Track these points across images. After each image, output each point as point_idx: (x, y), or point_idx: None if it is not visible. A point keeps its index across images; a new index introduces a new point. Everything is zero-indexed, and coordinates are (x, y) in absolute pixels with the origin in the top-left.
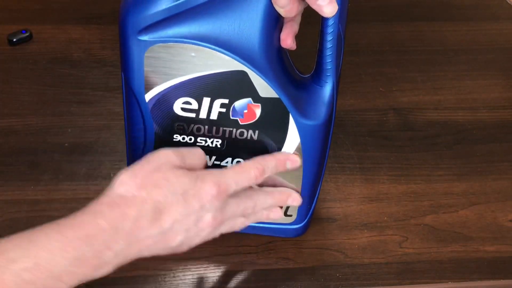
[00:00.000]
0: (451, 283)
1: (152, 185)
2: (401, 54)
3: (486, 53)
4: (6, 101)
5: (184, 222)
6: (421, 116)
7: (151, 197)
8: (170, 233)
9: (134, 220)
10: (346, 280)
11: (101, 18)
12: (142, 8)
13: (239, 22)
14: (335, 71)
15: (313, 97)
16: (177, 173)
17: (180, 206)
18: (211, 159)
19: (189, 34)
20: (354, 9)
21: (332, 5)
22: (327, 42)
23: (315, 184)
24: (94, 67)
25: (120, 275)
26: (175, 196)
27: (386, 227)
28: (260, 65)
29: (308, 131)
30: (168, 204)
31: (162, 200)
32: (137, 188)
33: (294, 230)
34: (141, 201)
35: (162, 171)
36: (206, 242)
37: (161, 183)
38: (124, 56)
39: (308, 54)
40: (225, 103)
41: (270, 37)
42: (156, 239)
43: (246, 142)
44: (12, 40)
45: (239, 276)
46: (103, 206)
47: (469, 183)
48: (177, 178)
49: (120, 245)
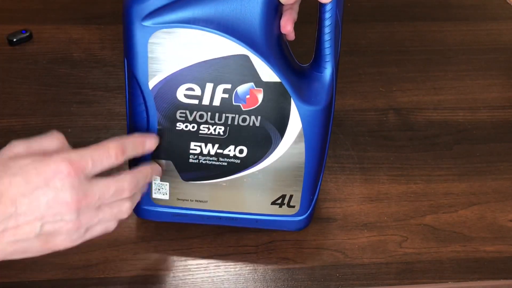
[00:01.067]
0: (451, 283)
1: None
2: (401, 54)
3: (486, 53)
4: (6, 101)
5: (33, 205)
6: (421, 116)
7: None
8: (21, 219)
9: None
10: (346, 280)
11: (101, 18)
12: None
13: (241, 6)
14: (334, 57)
15: (313, 83)
16: (18, 157)
17: (21, 186)
18: (214, 147)
19: (192, 19)
20: (354, 9)
21: None
22: (325, 28)
23: (317, 172)
24: (94, 67)
25: (120, 275)
26: (13, 178)
27: (386, 227)
28: (262, 48)
29: (310, 116)
30: (6, 185)
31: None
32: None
33: (297, 223)
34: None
35: (1, 158)
36: (206, 242)
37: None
38: (128, 43)
39: (308, 52)
40: (228, 89)
41: (271, 22)
42: (5, 225)
43: (248, 129)
44: (12, 40)
45: (239, 276)
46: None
47: (469, 183)
48: (15, 161)
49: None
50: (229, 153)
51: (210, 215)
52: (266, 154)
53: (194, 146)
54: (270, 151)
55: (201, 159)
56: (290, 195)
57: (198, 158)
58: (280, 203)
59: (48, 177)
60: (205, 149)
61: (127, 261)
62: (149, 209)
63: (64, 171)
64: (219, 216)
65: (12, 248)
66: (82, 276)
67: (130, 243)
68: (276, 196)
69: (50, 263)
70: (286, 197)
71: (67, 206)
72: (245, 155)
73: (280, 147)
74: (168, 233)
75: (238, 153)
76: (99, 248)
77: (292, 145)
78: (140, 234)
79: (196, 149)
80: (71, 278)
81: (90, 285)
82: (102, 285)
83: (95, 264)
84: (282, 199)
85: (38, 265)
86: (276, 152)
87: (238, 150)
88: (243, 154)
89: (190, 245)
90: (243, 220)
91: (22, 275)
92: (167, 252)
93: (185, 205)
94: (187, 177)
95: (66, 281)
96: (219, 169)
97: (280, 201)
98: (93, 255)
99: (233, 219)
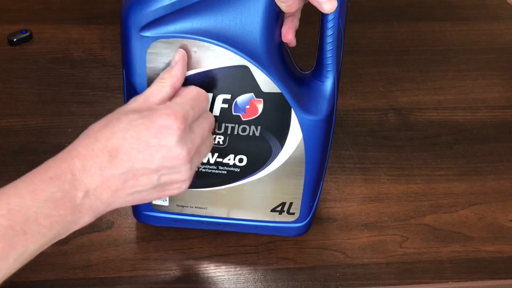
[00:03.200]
0: (451, 283)
1: (103, 125)
2: (401, 54)
3: (486, 53)
4: (6, 101)
5: (148, 160)
6: (421, 116)
7: (102, 135)
8: (137, 173)
9: (89, 159)
10: (346, 280)
11: (101, 18)
12: (144, 4)
13: (241, 17)
14: (336, 66)
15: (314, 93)
16: (128, 112)
17: (133, 142)
18: (213, 156)
19: (191, 30)
20: (354, 9)
21: (331, 1)
22: (327, 38)
23: (317, 180)
24: (94, 67)
25: (120, 275)
26: (126, 132)
27: (386, 227)
28: (262, 59)
29: (310, 126)
30: (120, 140)
31: (111, 136)
32: (93, 132)
33: (297, 229)
34: (93, 141)
35: (117, 113)
36: (206, 242)
37: (111, 123)
38: (126, 53)
39: (307, 53)
40: (228, 99)
41: (272, 32)
42: (124, 178)
43: (248, 138)
44: (12, 40)
45: (239, 276)
46: (64, 152)
47: (469, 183)
48: (126, 115)
49: (86, 185)
50: (229, 162)
51: (209, 221)
52: (266, 163)
53: None
54: (270, 160)
55: (200, 167)
56: (290, 203)
57: (198, 166)
58: (280, 210)
59: (158, 133)
60: (205, 158)
61: (127, 261)
62: (149, 214)
63: (173, 126)
64: (218, 222)
65: (130, 198)
66: (82, 276)
67: (130, 243)
68: (275, 204)
69: (50, 263)
70: (286, 204)
71: (182, 159)
72: (245, 164)
73: (280, 156)
74: (168, 233)
75: (238, 162)
76: (99, 248)
77: (292, 154)
78: (140, 234)
79: None
80: (71, 278)
81: (90, 285)
82: (102, 285)
83: (95, 264)
84: (282, 206)
85: (38, 265)
86: (276, 161)
87: (238, 159)
88: (242, 163)
89: (190, 245)
90: (242, 226)
91: (22, 275)
92: (167, 252)
93: (185, 211)
94: None
95: (66, 281)
96: (219, 177)
97: (280, 208)
98: (93, 255)
99: (232, 225)
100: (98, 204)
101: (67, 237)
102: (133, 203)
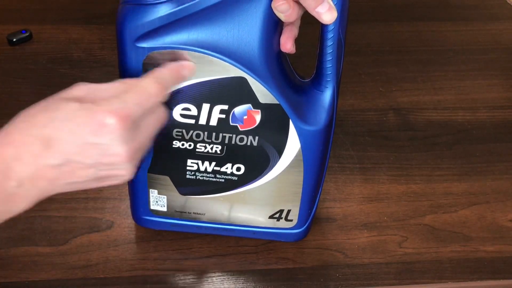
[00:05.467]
0: (451, 283)
1: (41, 110)
2: (401, 54)
3: (486, 53)
4: (6, 101)
5: (85, 155)
6: (421, 116)
7: (39, 121)
8: (73, 166)
9: (22, 146)
10: (346, 280)
11: (101, 18)
12: (140, 15)
13: (238, 28)
14: (335, 76)
15: (313, 102)
16: (71, 99)
17: (69, 135)
18: (211, 164)
19: (187, 41)
20: (354, 9)
21: (331, 12)
22: (327, 48)
23: (316, 188)
24: (94, 67)
25: (120, 275)
26: (64, 124)
27: (386, 227)
28: (260, 71)
29: (309, 137)
30: (56, 130)
31: (47, 123)
32: (30, 116)
33: (295, 235)
34: (28, 125)
35: (58, 97)
36: (206, 242)
37: (50, 109)
38: (122, 63)
39: (307, 54)
40: (225, 109)
41: (270, 42)
42: (59, 170)
43: (246, 148)
44: (12, 40)
45: (238, 276)
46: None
47: (469, 183)
48: (67, 102)
49: (18, 173)
50: (226, 171)
51: (207, 226)
52: (263, 172)
53: (191, 163)
54: (268, 169)
55: (198, 176)
56: (288, 210)
57: (195, 175)
58: (278, 217)
59: (96, 130)
60: (202, 166)
61: (127, 261)
62: (148, 219)
63: (113, 125)
64: (216, 227)
65: (69, 186)
66: (82, 276)
67: (130, 243)
68: (274, 211)
69: (50, 263)
70: (284, 211)
71: (121, 158)
72: (243, 172)
73: (278, 166)
74: (168, 234)
75: (236, 171)
76: (99, 248)
77: (291, 163)
78: (139, 234)
79: (193, 166)
80: (71, 278)
81: (89, 285)
82: (102, 285)
83: (95, 264)
84: (280, 213)
85: (38, 265)
86: (274, 170)
87: (236, 168)
88: (240, 172)
89: (190, 245)
90: (240, 231)
91: (21, 275)
92: (167, 252)
93: (183, 216)
94: (184, 191)
95: (66, 281)
96: (216, 185)
97: (278, 215)
98: (93, 255)
99: (231, 230)
100: (35, 192)
101: (67, 237)
102: (75, 189)
